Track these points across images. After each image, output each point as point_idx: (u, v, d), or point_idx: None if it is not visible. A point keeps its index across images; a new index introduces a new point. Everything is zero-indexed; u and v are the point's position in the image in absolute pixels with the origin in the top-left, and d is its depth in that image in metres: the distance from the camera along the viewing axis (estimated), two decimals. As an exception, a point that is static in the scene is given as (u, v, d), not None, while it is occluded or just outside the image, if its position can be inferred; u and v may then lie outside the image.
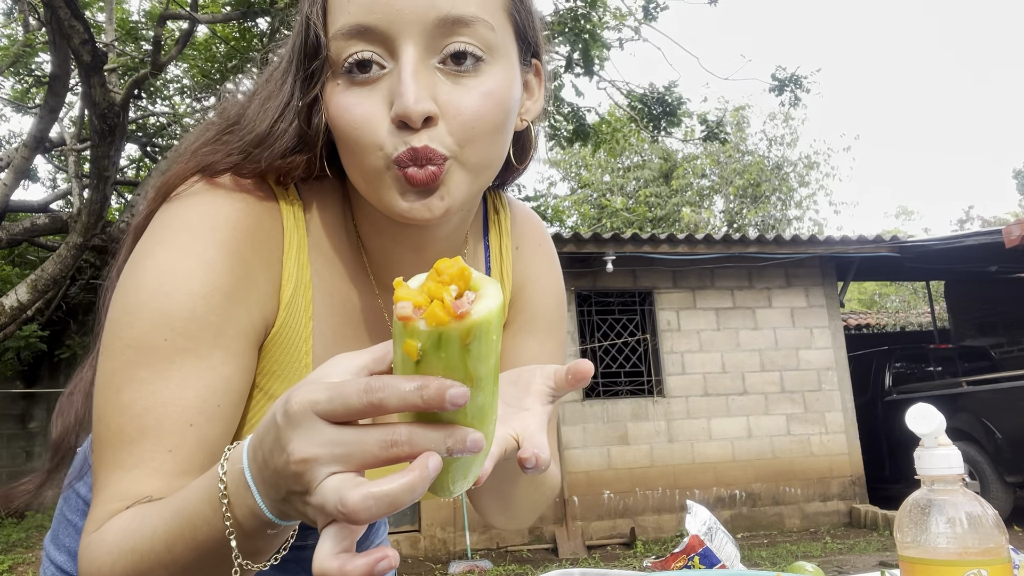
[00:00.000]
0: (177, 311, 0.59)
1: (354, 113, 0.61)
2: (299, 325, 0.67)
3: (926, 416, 0.72)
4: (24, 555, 6.84)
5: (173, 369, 0.59)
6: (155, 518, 0.53)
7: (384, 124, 0.60)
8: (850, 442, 7.79)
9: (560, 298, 0.88)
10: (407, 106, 0.58)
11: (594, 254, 7.27)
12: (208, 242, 0.62)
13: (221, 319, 0.61)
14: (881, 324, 16.02)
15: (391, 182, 0.61)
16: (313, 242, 0.69)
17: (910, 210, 35.61)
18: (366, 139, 0.61)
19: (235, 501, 0.46)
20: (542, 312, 0.85)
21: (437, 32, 0.60)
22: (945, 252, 8.02)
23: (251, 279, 0.63)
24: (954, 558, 0.67)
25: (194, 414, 0.59)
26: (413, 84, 0.59)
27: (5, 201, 5.41)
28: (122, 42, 7.40)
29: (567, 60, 6.70)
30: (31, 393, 9.40)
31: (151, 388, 0.58)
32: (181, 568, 0.51)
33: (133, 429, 0.58)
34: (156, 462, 0.58)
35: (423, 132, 0.60)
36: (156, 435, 0.58)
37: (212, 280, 0.61)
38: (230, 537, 0.47)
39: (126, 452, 0.58)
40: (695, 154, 18.12)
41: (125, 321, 0.60)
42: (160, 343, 0.59)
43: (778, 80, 7.47)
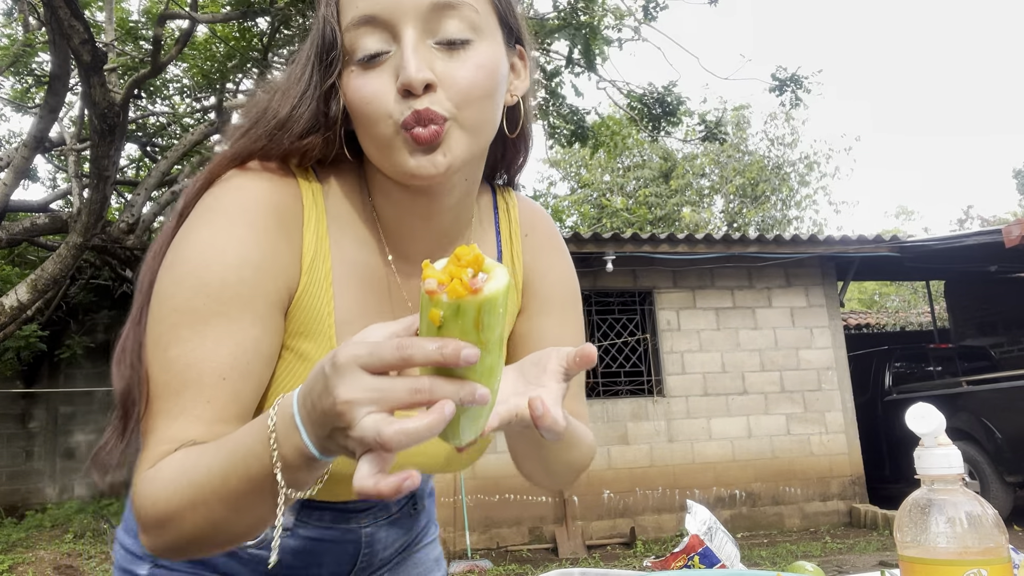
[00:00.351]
0: (213, 280, 0.69)
1: (365, 90, 0.71)
2: (320, 289, 0.76)
3: (926, 416, 0.72)
4: (24, 555, 6.84)
5: (209, 330, 0.68)
6: (210, 456, 0.61)
7: (391, 95, 0.70)
8: (850, 442, 7.79)
9: (573, 281, 0.95)
10: (409, 75, 0.68)
11: (594, 254, 7.27)
12: (239, 222, 0.72)
13: (250, 287, 0.70)
14: (881, 324, 16.01)
15: (400, 145, 0.70)
16: (331, 216, 0.79)
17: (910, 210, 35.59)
18: (377, 110, 0.70)
19: (282, 440, 0.55)
20: (556, 294, 0.92)
21: (431, 16, 0.70)
22: (945, 252, 8.02)
23: (275, 252, 0.73)
24: (954, 558, 0.67)
25: (227, 369, 0.68)
26: (414, 58, 0.69)
27: (5, 201, 5.41)
28: (122, 42, 7.40)
29: (567, 58, 6.69)
30: (31, 393, 9.40)
31: (191, 346, 0.68)
32: (234, 497, 0.59)
33: (177, 382, 0.67)
34: (197, 411, 0.67)
35: (424, 98, 0.69)
36: (197, 387, 0.67)
37: (242, 254, 0.70)
38: (276, 470, 0.56)
39: (172, 402, 0.67)
40: (695, 154, 18.12)
41: (171, 291, 0.70)
42: (199, 307, 0.68)
43: (778, 80, 7.46)
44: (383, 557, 0.94)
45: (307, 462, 0.55)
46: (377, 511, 0.91)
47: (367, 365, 0.50)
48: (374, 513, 0.91)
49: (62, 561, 6.78)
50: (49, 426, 9.50)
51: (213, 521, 0.62)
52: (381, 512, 0.91)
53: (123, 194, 9.22)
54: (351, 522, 0.88)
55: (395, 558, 0.98)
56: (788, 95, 7.48)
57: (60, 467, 9.41)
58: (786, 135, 18.25)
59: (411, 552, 1.00)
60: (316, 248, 0.76)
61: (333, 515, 0.86)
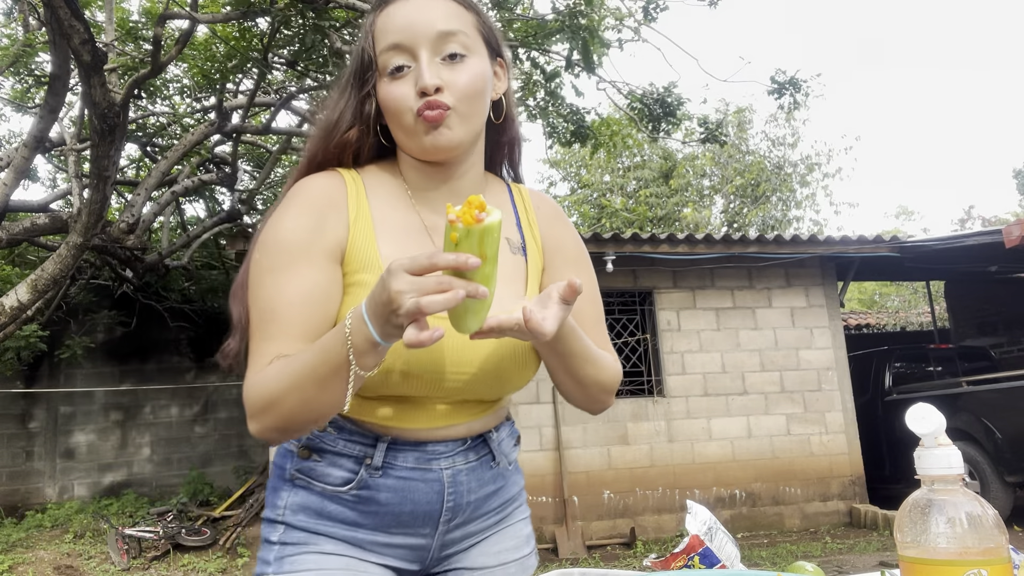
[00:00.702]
0: (281, 241, 0.99)
1: (395, 92, 1.01)
2: (365, 238, 1.02)
3: (926, 416, 0.73)
4: (24, 555, 6.84)
5: (283, 276, 0.97)
6: (305, 355, 0.89)
7: (412, 95, 1.00)
8: (850, 442, 7.79)
9: (581, 242, 1.20)
10: (425, 81, 0.99)
11: (594, 254, 7.27)
12: (298, 203, 1.02)
13: (307, 244, 0.98)
14: (881, 324, 16.01)
15: (419, 128, 1.00)
16: (371, 191, 1.07)
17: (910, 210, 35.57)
18: (402, 104, 1.01)
19: (354, 333, 0.82)
20: (571, 254, 1.18)
21: (437, 41, 1.01)
22: (945, 252, 8.02)
23: (324, 219, 1.01)
24: (954, 558, 0.67)
25: (297, 304, 0.96)
26: (428, 71, 0.99)
27: (5, 201, 5.40)
28: (122, 42, 7.40)
29: (567, 59, 6.69)
30: (31, 393, 9.40)
31: (272, 290, 0.97)
32: (321, 379, 0.86)
33: (268, 315, 0.96)
34: (281, 334, 0.95)
35: (434, 95, 0.99)
36: (279, 317, 0.95)
37: (300, 223, 1.00)
38: (349, 355, 0.83)
39: (264, 330, 0.95)
40: (695, 154, 18.11)
41: (258, 254, 1.00)
42: (274, 262, 0.98)
43: (777, 83, 7.44)
44: (472, 500, 1.09)
45: (371, 347, 0.82)
46: (454, 456, 1.07)
47: (409, 268, 0.76)
48: (451, 458, 1.07)
49: (62, 561, 6.78)
50: (49, 426, 9.50)
51: (306, 400, 0.88)
52: (458, 458, 1.08)
53: (123, 194, 9.22)
54: (432, 464, 1.06)
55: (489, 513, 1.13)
56: (787, 98, 7.47)
57: (60, 467, 9.41)
58: (787, 136, 18.24)
59: (506, 518, 1.16)
60: (358, 211, 1.03)
61: (416, 457, 1.05)
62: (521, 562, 1.15)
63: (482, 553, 1.12)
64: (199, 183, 8.16)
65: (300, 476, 1.04)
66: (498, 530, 1.14)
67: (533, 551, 1.19)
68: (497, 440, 1.12)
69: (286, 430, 0.92)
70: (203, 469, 9.47)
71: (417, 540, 1.07)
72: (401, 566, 1.08)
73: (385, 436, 1.02)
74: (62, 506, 8.62)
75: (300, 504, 1.03)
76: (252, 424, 0.92)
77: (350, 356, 0.83)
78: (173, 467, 9.63)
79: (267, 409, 0.90)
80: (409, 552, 1.07)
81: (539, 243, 1.15)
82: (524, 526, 1.19)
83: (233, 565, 6.81)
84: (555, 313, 0.88)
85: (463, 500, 1.08)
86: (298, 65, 7.59)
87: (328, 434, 1.03)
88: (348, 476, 1.03)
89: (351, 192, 1.04)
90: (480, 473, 1.10)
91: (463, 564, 1.11)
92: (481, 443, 1.10)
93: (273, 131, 8.42)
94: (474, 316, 0.82)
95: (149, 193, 6.71)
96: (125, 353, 9.80)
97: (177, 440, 9.76)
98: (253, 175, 10.12)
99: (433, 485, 1.05)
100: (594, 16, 6.76)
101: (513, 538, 1.15)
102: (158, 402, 9.78)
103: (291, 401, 0.88)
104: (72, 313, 9.16)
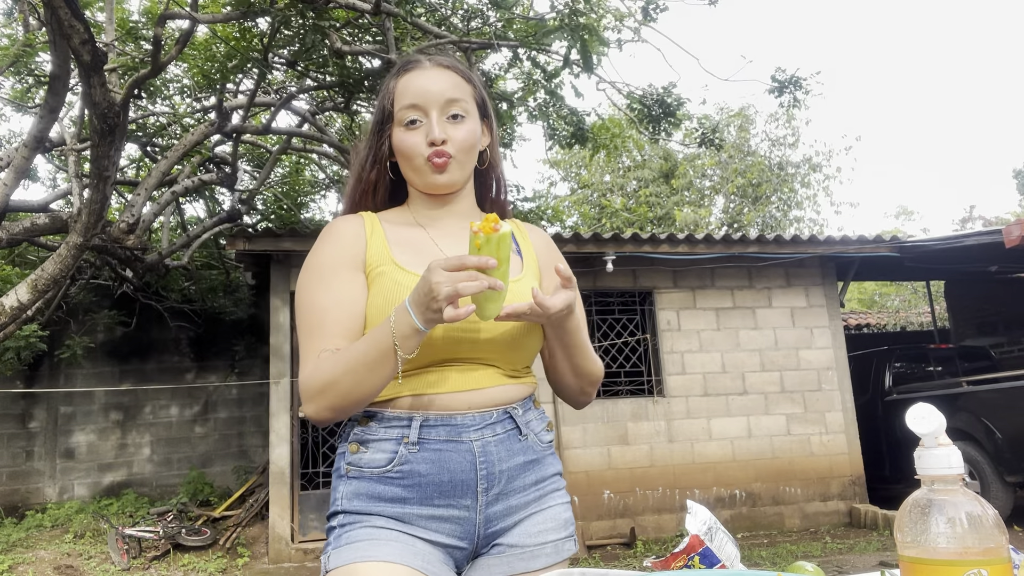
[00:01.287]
0: (320, 262, 1.26)
1: (409, 141, 1.29)
2: (380, 244, 1.29)
3: (926, 416, 0.73)
4: (24, 555, 6.84)
5: (323, 286, 1.22)
6: (356, 345, 1.13)
7: (423, 144, 1.28)
8: (850, 442, 7.79)
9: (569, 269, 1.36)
10: (435, 135, 1.27)
11: (594, 254, 7.28)
12: (330, 235, 1.30)
13: (334, 262, 1.25)
14: (881, 324, 16.01)
15: (427, 169, 1.28)
16: (384, 219, 1.34)
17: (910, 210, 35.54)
18: (414, 150, 1.29)
19: (397, 322, 1.08)
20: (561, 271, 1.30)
21: (445, 105, 1.29)
22: (945, 252, 8.02)
23: (347, 242, 1.28)
24: (954, 558, 0.67)
25: (332, 307, 1.21)
26: (438, 127, 1.27)
27: (5, 201, 5.40)
28: (122, 42, 7.39)
29: (565, 58, 6.68)
30: (31, 393, 9.40)
31: (315, 298, 1.22)
32: (371, 362, 1.10)
33: (311, 319, 1.21)
34: (324, 332, 1.19)
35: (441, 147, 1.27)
36: (321, 320, 1.20)
37: (332, 250, 1.27)
38: (394, 341, 1.08)
39: (311, 332, 1.20)
40: (695, 154, 18.09)
41: (303, 274, 1.27)
42: (316, 276, 1.24)
43: (778, 82, 7.44)
44: (504, 469, 1.22)
45: (414, 332, 1.07)
46: (482, 428, 1.22)
47: (444, 265, 1.02)
48: (480, 431, 1.22)
49: (62, 561, 6.77)
50: (49, 426, 9.49)
51: (358, 381, 1.11)
52: (486, 431, 1.22)
53: (123, 194, 9.22)
54: (462, 435, 1.20)
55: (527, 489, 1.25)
56: (787, 97, 7.47)
57: (60, 467, 9.40)
58: (787, 136, 18.22)
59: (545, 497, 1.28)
60: (372, 231, 1.30)
61: (448, 430, 1.20)
62: (557, 544, 1.26)
63: (524, 532, 1.24)
64: (199, 183, 8.15)
65: (352, 467, 1.20)
66: (539, 509, 1.26)
67: (571, 536, 1.29)
68: (523, 417, 1.27)
69: (340, 408, 1.13)
70: (203, 469, 9.47)
71: (461, 512, 1.19)
72: (450, 542, 1.20)
73: (417, 416, 1.19)
74: (62, 506, 8.62)
75: (354, 491, 1.19)
76: (308, 407, 1.14)
77: (395, 342, 1.07)
78: (173, 467, 9.63)
79: (324, 391, 1.12)
80: (456, 527, 1.19)
81: (536, 259, 1.38)
82: (564, 510, 1.30)
83: (233, 565, 6.81)
84: (558, 295, 1.14)
85: (495, 469, 1.21)
86: (298, 65, 7.59)
87: (370, 427, 1.21)
88: (390, 456, 1.19)
89: (368, 223, 1.32)
90: (509, 444, 1.24)
91: (506, 541, 1.23)
92: (507, 418, 1.24)
93: (273, 131, 8.41)
94: (494, 304, 1.08)
95: (149, 193, 6.70)
96: (125, 353, 9.79)
97: (177, 440, 9.75)
98: (253, 175, 10.11)
99: (465, 456, 1.19)
100: (593, 15, 6.76)
101: (552, 520, 1.27)
102: (158, 402, 9.78)
103: (346, 383, 1.11)
104: (72, 313, 9.16)
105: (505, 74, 8.50)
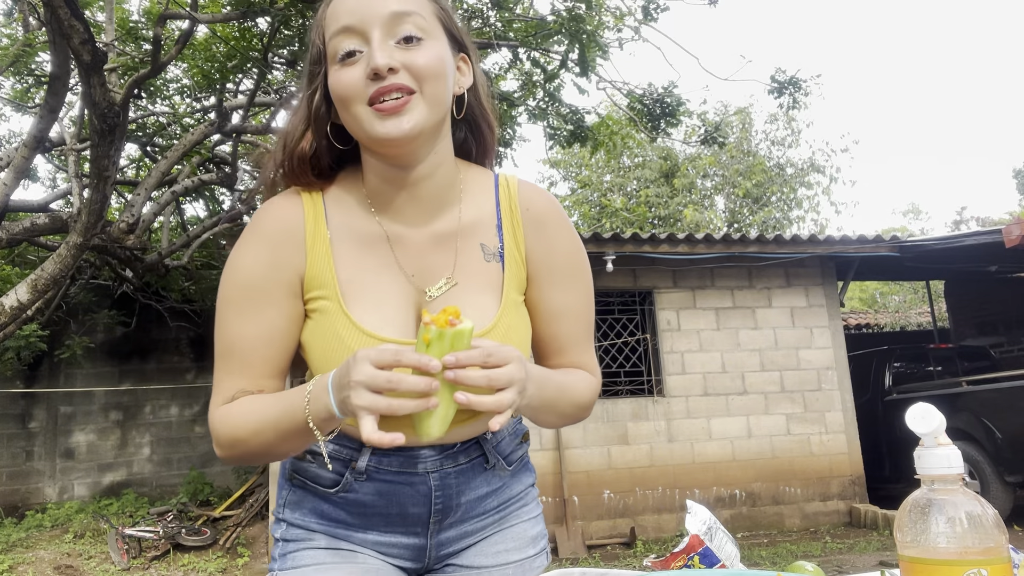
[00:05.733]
0: (239, 280, 0.98)
1: (345, 79, 0.93)
2: (322, 260, 1.00)
3: (926, 416, 0.72)
4: (24, 555, 6.84)
5: (240, 315, 0.97)
6: (269, 403, 0.93)
7: (362, 81, 0.92)
8: (850, 442, 7.78)
9: (577, 252, 1.10)
10: (376, 61, 0.90)
11: (594, 254, 7.27)
12: (255, 236, 1.00)
13: (264, 282, 0.98)
14: (881, 324, 16.01)
15: (371, 117, 0.92)
16: (331, 206, 1.03)
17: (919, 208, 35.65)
18: (350, 91, 0.93)
19: (314, 400, 0.86)
20: (561, 266, 1.08)
21: (391, 22, 0.93)
22: (945, 252, 8.02)
23: (280, 253, 0.99)
24: (954, 558, 0.67)
25: (255, 342, 0.97)
26: (379, 51, 0.91)
27: (5, 201, 5.40)
28: (122, 42, 7.39)
29: (563, 59, 6.69)
30: (31, 393, 9.40)
31: (231, 327, 0.98)
32: (282, 433, 0.90)
33: (227, 351, 0.98)
34: (241, 371, 0.97)
35: (389, 78, 0.91)
36: (238, 355, 0.97)
37: (257, 259, 0.99)
38: (308, 420, 0.86)
39: (225, 364, 0.98)
40: (696, 155, 18.09)
41: (222, 288, 0.99)
42: (233, 300, 0.98)
43: (777, 83, 7.44)
44: (463, 502, 1.07)
45: (329, 417, 0.85)
46: (442, 459, 1.04)
47: (374, 361, 0.79)
48: (439, 461, 1.04)
49: (62, 561, 6.77)
50: (49, 426, 9.49)
51: (268, 444, 0.93)
52: (447, 461, 1.05)
53: (123, 194, 9.22)
54: (418, 467, 1.04)
55: (487, 513, 1.10)
56: (787, 97, 7.47)
57: (60, 467, 9.40)
58: (787, 137, 18.22)
59: (507, 517, 1.12)
60: (315, 236, 1.00)
61: (401, 461, 1.03)
62: (522, 564, 1.11)
63: (480, 553, 1.10)
64: (199, 183, 8.15)
65: (296, 476, 1.07)
66: (499, 530, 1.11)
67: (541, 552, 1.15)
68: (493, 442, 1.08)
69: (252, 462, 0.99)
70: (203, 469, 9.46)
71: (411, 540, 1.06)
72: (399, 564, 1.08)
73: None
74: (62, 506, 8.62)
75: (296, 502, 1.07)
76: (218, 451, 0.98)
77: (308, 421, 0.86)
78: (173, 467, 9.63)
79: (234, 446, 0.95)
80: (405, 551, 1.07)
81: (523, 251, 1.06)
82: (531, 526, 1.14)
83: (233, 565, 6.81)
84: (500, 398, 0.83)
85: (452, 503, 1.06)
86: (298, 65, 7.59)
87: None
88: (336, 478, 1.04)
89: (309, 217, 1.01)
90: (471, 475, 1.07)
91: (461, 562, 1.10)
92: (473, 445, 1.06)
93: (273, 131, 8.41)
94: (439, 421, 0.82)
95: (149, 193, 6.70)
96: (125, 353, 9.80)
97: (177, 440, 9.75)
98: (253, 175, 10.11)
99: (420, 488, 1.03)
100: (593, 17, 6.75)
101: (515, 539, 1.12)
102: (158, 402, 9.78)
103: (255, 444, 0.94)
104: (72, 313, 9.16)
105: (505, 74, 8.50)
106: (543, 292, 1.07)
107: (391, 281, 1.01)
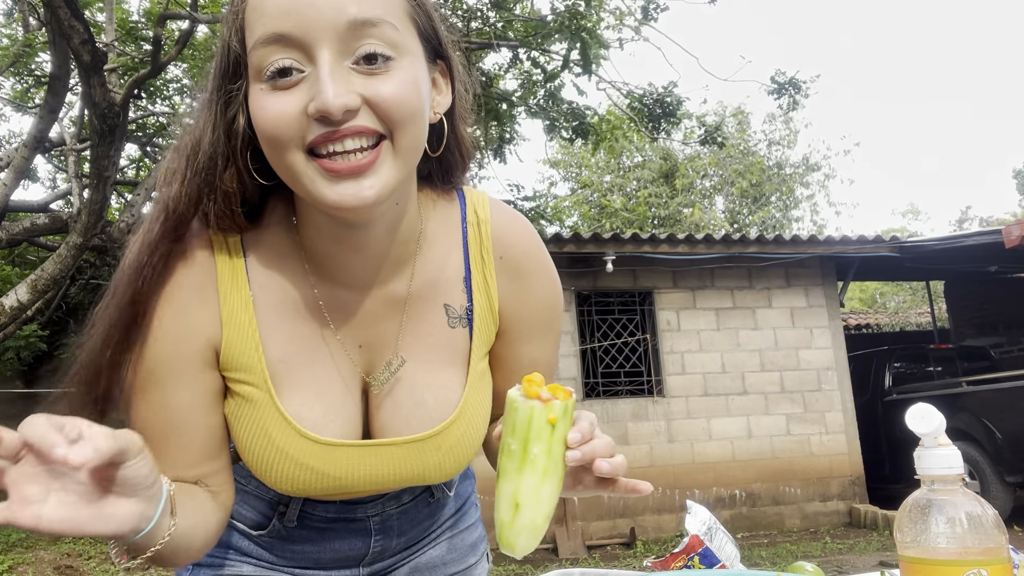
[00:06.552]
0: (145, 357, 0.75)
1: (271, 111, 0.66)
2: (245, 335, 0.77)
3: (926, 416, 0.72)
4: (24, 555, 6.84)
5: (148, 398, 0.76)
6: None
7: (301, 117, 0.65)
8: (850, 442, 7.78)
9: (553, 301, 0.92)
10: (326, 101, 0.63)
11: (594, 254, 7.27)
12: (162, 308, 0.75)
13: (171, 358, 0.75)
14: (881, 324, 16.01)
15: (315, 176, 0.67)
16: (254, 262, 0.79)
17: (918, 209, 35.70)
18: (284, 134, 0.66)
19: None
20: (534, 321, 0.90)
21: (348, 35, 0.65)
22: (945, 252, 8.02)
23: (190, 319, 0.76)
24: (954, 558, 0.67)
25: (166, 426, 0.77)
26: (331, 82, 0.63)
27: (5, 201, 5.41)
28: (122, 42, 7.40)
29: (564, 59, 6.69)
30: (31, 393, 9.40)
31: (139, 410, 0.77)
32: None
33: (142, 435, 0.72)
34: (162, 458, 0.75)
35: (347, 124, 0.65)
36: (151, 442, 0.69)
37: (163, 331, 0.75)
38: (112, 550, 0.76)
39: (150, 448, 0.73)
40: (696, 155, 18.11)
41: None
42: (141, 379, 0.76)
43: (776, 83, 7.45)
44: (406, 539, 0.97)
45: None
46: (385, 501, 0.93)
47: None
48: (381, 503, 0.93)
49: (62, 561, 6.78)
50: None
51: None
52: (390, 502, 0.93)
53: (123, 194, 9.22)
54: (356, 511, 0.92)
55: (427, 541, 1.01)
56: (786, 98, 7.48)
57: (60, 467, 9.41)
58: (786, 137, 18.23)
59: (448, 531, 1.03)
60: (234, 299, 0.77)
61: (339, 507, 0.91)
62: (463, 574, 1.04)
63: (415, 567, 1.01)
64: (199, 183, 8.16)
65: None
66: (437, 543, 1.03)
67: (481, 556, 1.06)
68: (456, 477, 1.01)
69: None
70: (203, 469, 9.48)
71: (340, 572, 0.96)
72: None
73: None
74: (62, 506, 8.61)
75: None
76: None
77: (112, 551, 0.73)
78: (173, 467, 9.65)
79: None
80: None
81: (495, 306, 0.86)
82: (470, 534, 1.05)
83: (233, 565, 6.81)
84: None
85: (391, 543, 0.96)
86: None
87: (241, 467, 0.86)
88: (261, 520, 0.90)
89: (224, 274, 0.77)
90: (415, 512, 0.97)
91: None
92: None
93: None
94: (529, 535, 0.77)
95: (149, 193, 6.71)
96: (125, 353, 9.80)
97: (177, 440, 9.77)
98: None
99: (358, 533, 0.93)
100: (593, 17, 6.76)
101: (455, 550, 1.03)
102: (158, 402, 9.80)
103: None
104: (72, 313, 9.16)
105: (505, 74, 8.51)
106: (512, 347, 0.89)
107: (329, 361, 0.80)
